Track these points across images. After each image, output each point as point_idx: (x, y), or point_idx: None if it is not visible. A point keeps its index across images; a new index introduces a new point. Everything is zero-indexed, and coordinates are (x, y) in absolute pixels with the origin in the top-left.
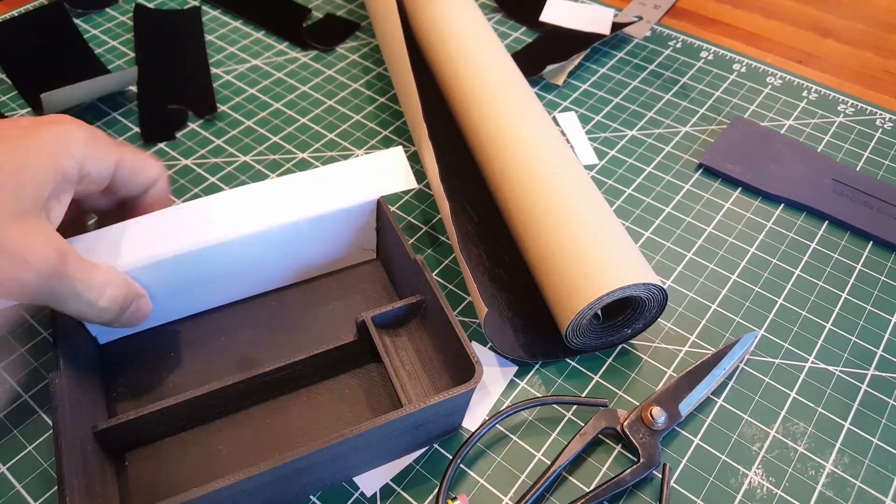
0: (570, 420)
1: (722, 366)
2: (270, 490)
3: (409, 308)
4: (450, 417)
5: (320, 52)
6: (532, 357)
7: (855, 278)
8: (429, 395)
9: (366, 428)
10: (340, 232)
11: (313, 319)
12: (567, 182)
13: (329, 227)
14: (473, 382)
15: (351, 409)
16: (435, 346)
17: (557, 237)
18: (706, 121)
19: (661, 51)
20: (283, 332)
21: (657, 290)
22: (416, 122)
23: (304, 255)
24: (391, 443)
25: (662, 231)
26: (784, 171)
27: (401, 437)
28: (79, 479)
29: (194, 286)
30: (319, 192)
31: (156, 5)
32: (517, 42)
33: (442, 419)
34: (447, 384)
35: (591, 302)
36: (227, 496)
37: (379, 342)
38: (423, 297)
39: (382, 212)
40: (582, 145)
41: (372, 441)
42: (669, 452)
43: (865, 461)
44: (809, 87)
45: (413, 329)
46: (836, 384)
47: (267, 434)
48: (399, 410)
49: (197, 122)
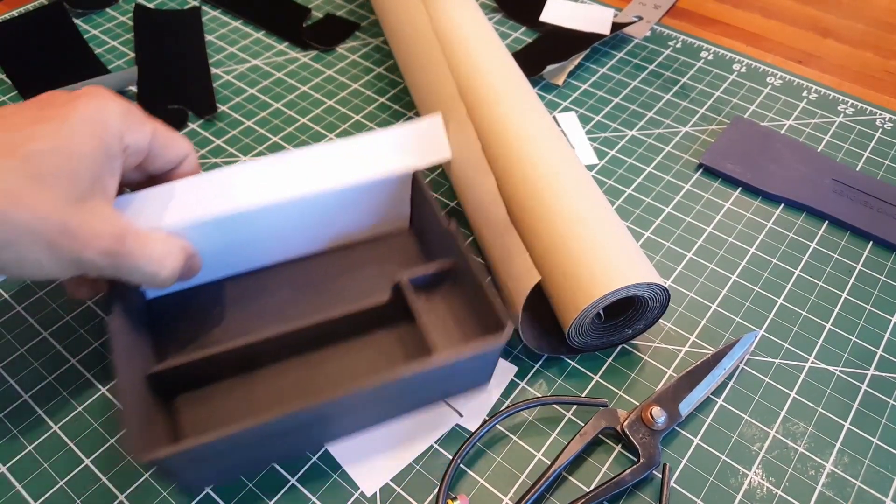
0: (570, 420)
1: (722, 366)
2: (314, 429)
3: (441, 273)
4: (479, 372)
5: (320, 52)
6: (539, 349)
7: (855, 278)
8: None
9: (406, 373)
10: (377, 201)
11: (349, 282)
12: (571, 181)
13: (367, 196)
14: (504, 337)
15: (387, 362)
16: (465, 308)
17: (561, 236)
18: (706, 121)
19: (661, 51)
20: (320, 294)
21: (660, 291)
22: (449, 101)
23: (341, 222)
24: (423, 392)
25: (662, 231)
26: (784, 171)
27: (433, 386)
28: (137, 414)
29: (237, 247)
30: (359, 161)
31: (156, 5)
32: (517, 42)
33: (471, 373)
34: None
35: (595, 300)
36: (277, 429)
37: (414, 301)
38: (455, 262)
39: (417, 182)
40: (582, 145)
41: (407, 388)
42: (669, 452)
43: (865, 461)
44: (809, 87)
45: (444, 293)
46: (836, 384)
47: (307, 383)
48: (436, 356)
49: (197, 122)
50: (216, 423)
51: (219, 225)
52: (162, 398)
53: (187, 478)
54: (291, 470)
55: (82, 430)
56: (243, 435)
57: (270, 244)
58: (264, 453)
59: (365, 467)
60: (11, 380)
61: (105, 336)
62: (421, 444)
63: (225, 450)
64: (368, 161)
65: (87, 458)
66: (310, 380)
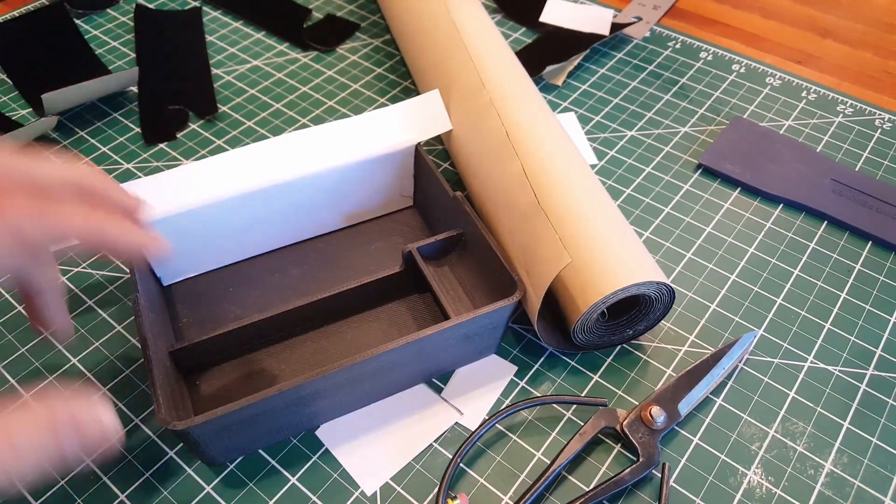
0: (569, 419)
1: (721, 365)
2: (336, 395)
3: (449, 241)
4: (489, 338)
5: (320, 52)
6: (547, 344)
7: (854, 278)
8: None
9: (426, 333)
10: (381, 177)
11: (359, 258)
12: (580, 180)
13: (371, 173)
14: (517, 296)
15: (399, 332)
16: (475, 274)
17: (570, 233)
18: (705, 121)
19: (661, 51)
20: (331, 270)
21: (666, 291)
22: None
23: (348, 200)
24: (442, 355)
25: (662, 231)
26: (783, 171)
27: (451, 349)
28: (163, 388)
29: (244, 230)
30: (362, 139)
31: (156, 6)
32: (517, 42)
33: (486, 333)
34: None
35: (605, 296)
36: (299, 396)
37: (425, 268)
38: (462, 231)
39: (420, 156)
40: (581, 145)
41: (425, 351)
42: (669, 452)
43: (864, 461)
44: (808, 88)
45: (453, 260)
46: (835, 384)
47: (324, 354)
48: (454, 318)
49: (198, 122)
50: (237, 397)
51: (225, 207)
52: (183, 375)
53: (214, 448)
54: (292, 469)
55: None
56: (268, 402)
57: (277, 226)
58: (287, 421)
59: (365, 466)
60: (13, 379)
61: (105, 336)
62: (421, 444)
63: (250, 418)
64: (371, 137)
65: (88, 457)
66: (325, 352)
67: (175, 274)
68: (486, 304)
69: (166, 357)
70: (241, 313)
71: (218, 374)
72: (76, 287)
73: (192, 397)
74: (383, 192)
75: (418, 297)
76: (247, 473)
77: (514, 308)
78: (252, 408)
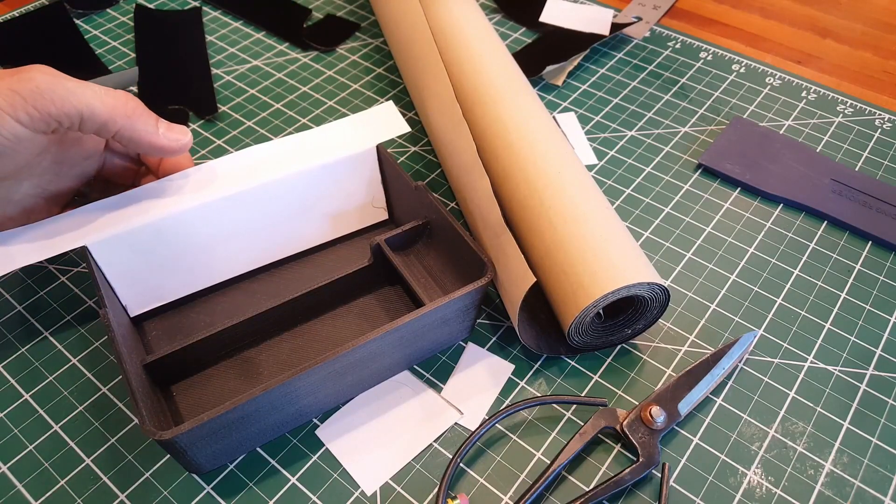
0: (569, 419)
1: (721, 365)
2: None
3: (415, 231)
4: (461, 322)
5: (320, 52)
6: (538, 350)
7: (854, 278)
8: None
9: (407, 320)
10: (347, 184)
11: (328, 257)
12: (571, 181)
13: (335, 179)
14: (489, 275)
15: (372, 324)
16: (443, 260)
17: (562, 235)
18: (705, 121)
19: (661, 51)
20: (300, 269)
21: (660, 290)
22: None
23: (315, 211)
24: (420, 341)
25: (662, 231)
26: (783, 171)
27: (429, 333)
28: (143, 400)
29: (211, 247)
30: (321, 147)
31: (156, 6)
32: (517, 42)
33: (462, 315)
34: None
35: (596, 299)
36: (290, 391)
37: (394, 258)
38: (427, 220)
39: (382, 156)
40: (581, 145)
41: (405, 338)
42: (669, 452)
43: (864, 461)
44: (808, 88)
45: (420, 250)
46: (835, 384)
47: (299, 354)
48: (431, 304)
49: (198, 122)
50: (216, 404)
51: (178, 223)
52: (159, 387)
53: (201, 455)
54: (292, 469)
55: (83, 430)
56: (255, 402)
57: (247, 242)
58: (274, 421)
59: (365, 466)
60: (12, 379)
61: (104, 337)
62: (421, 443)
63: (237, 420)
64: (330, 144)
65: (88, 457)
66: (302, 350)
67: (143, 303)
68: (456, 287)
69: (140, 370)
70: (210, 321)
71: (194, 383)
72: (76, 287)
73: (170, 409)
74: (353, 200)
75: (389, 288)
76: (247, 473)
77: (484, 290)
78: (239, 410)
